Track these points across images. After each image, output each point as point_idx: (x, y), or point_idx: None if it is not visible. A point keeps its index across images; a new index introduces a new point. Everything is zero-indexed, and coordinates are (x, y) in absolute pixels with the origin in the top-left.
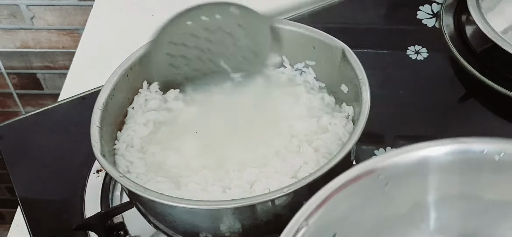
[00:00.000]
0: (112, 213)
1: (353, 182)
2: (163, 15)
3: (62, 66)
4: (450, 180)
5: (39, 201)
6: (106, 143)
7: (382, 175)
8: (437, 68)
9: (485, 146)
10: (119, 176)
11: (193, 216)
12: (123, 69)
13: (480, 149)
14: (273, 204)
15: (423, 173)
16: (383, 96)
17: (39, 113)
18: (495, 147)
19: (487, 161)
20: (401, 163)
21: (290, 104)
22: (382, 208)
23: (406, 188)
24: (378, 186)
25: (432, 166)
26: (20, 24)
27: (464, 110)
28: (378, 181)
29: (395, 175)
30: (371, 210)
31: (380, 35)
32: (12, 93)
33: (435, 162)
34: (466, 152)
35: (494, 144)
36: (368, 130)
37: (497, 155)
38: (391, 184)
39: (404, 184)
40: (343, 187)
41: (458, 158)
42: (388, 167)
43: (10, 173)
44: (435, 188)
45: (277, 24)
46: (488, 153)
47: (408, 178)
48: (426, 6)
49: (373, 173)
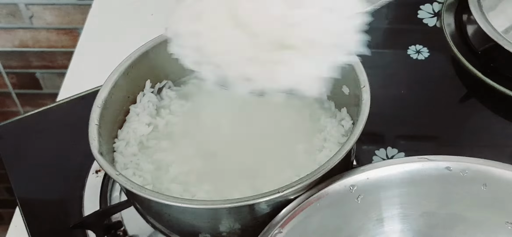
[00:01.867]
0: (110, 211)
1: (327, 194)
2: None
3: (61, 65)
4: (416, 194)
5: (37, 201)
6: (105, 141)
7: (354, 188)
8: (438, 68)
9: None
10: (116, 175)
11: (190, 216)
12: (123, 67)
13: (446, 166)
14: (271, 204)
15: (393, 187)
16: (383, 96)
17: (38, 112)
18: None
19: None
20: (372, 179)
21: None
22: (354, 219)
23: (377, 201)
24: (351, 197)
25: (401, 181)
26: (18, 23)
27: (465, 110)
28: (351, 194)
29: (367, 189)
30: (344, 220)
31: (381, 34)
32: (11, 92)
33: (404, 178)
34: (433, 169)
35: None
36: (368, 130)
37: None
38: (363, 197)
39: (375, 197)
40: (317, 199)
41: (425, 174)
42: (360, 182)
43: (9, 173)
44: (404, 201)
45: None
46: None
47: (379, 192)
48: (427, 5)
49: (346, 186)
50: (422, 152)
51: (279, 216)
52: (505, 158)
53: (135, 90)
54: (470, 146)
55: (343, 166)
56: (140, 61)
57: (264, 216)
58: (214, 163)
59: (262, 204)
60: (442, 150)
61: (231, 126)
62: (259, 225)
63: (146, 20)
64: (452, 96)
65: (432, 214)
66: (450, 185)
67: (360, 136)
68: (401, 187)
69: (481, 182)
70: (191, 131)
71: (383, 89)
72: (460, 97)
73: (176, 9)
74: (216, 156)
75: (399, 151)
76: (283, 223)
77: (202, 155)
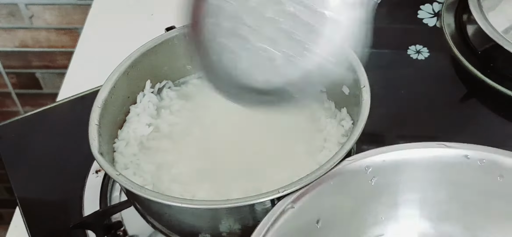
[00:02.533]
0: (109, 211)
1: (341, 173)
2: (163, 14)
3: (61, 65)
4: (432, 181)
5: (38, 202)
6: (105, 141)
7: (369, 169)
8: (438, 68)
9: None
10: (116, 175)
11: (190, 216)
12: (123, 67)
13: (464, 154)
14: (271, 204)
15: (409, 171)
16: (383, 96)
17: (38, 112)
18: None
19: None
20: (388, 161)
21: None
22: (367, 201)
23: (391, 185)
24: (365, 179)
25: (418, 166)
26: (18, 23)
27: (465, 110)
28: (366, 175)
29: (382, 172)
30: (357, 201)
31: (381, 34)
32: (11, 92)
33: (421, 163)
34: (451, 156)
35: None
36: (368, 130)
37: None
38: (377, 179)
39: (391, 180)
40: (331, 177)
41: (442, 161)
42: (376, 164)
43: (9, 173)
44: (418, 187)
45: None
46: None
47: (394, 176)
48: (427, 5)
49: (361, 166)
50: None
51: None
52: None
53: (135, 90)
54: None
55: None
56: (140, 61)
57: (264, 216)
58: (214, 163)
59: (262, 204)
60: None
61: (231, 126)
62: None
63: (146, 20)
64: (452, 96)
65: (446, 201)
66: (466, 173)
67: (360, 136)
68: (417, 172)
69: (497, 173)
70: (191, 131)
71: (383, 89)
72: (460, 97)
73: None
74: (216, 156)
75: None
76: (295, 198)
77: (203, 155)
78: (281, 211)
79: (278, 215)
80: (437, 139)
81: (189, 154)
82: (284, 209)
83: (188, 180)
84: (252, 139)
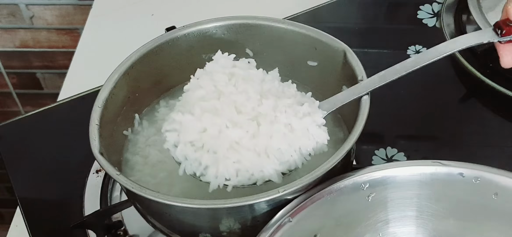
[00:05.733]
0: (110, 211)
1: (338, 189)
2: (163, 15)
3: (62, 65)
4: (427, 198)
5: (38, 201)
6: (105, 141)
7: (366, 185)
8: (438, 68)
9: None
10: (116, 174)
11: (190, 215)
12: (123, 67)
13: (459, 172)
14: (271, 204)
15: (405, 188)
16: (383, 96)
17: (39, 113)
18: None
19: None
20: (384, 178)
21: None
22: (362, 217)
23: (387, 202)
24: (362, 195)
25: (413, 184)
26: (19, 23)
27: (465, 110)
28: (363, 191)
29: (378, 189)
30: (354, 217)
31: (381, 34)
32: (12, 92)
33: (417, 180)
34: (446, 174)
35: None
36: (368, 130)
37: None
38: (374, 196)
39: (388, 197)
40: (328, 193)
41: (438, 178)
42: (372, 181)
43: (10, 173)
44: (414, 204)
45: (280, 24)
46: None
47: (390, 193)
48: (426, 5)
49: (358, 183)
50: (422, 152)
51: (290, 205)
52: (505, 158)
53: (135, 90)
54: (469, 146)
55: (343, 166)
56: (140, 61)
57: (264, 216)
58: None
59: (262, 204)
60: (441, 150)
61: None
62: (259, 225)
63: (146, 20)
64: (452, 96)
65: (441, 219)
66: (461, 191)
67: (360, 136)
68: (412, 190)
69: (492, 191)
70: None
71: (383, 89)
72: (460, 97)
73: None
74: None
75: (398, 151)
76: (293, 212)
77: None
78: (279, 225)
79: (276, 228)
80: (437, 139)
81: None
82: (281, 222)
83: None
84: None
